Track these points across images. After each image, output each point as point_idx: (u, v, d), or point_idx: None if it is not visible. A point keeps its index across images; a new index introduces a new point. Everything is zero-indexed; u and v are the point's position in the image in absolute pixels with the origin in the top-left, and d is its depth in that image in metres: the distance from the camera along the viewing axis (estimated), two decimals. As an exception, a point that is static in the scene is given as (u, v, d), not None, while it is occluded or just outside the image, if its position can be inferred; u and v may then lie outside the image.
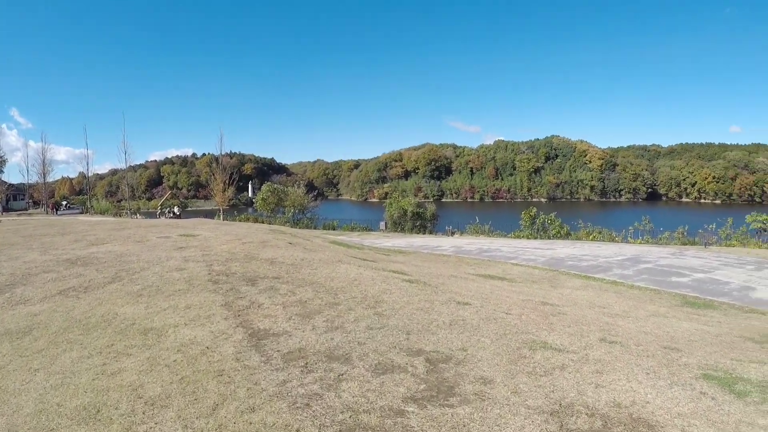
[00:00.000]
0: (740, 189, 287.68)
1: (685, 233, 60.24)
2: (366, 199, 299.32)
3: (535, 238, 61.06)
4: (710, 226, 59.94)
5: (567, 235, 62.25)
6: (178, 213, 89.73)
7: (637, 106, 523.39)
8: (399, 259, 33.61)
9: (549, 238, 60.98)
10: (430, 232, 71.61)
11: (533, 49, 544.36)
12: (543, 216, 64.20)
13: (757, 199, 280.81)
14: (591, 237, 61.01)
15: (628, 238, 60.94)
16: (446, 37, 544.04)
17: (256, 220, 78.79)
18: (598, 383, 9.82)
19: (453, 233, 67.74)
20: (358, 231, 71.45)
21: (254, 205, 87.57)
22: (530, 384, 9.59)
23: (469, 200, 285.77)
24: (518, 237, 62.19)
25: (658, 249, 48.50)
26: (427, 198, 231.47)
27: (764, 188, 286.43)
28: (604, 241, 59.31)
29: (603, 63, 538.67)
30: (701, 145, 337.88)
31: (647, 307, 22.76)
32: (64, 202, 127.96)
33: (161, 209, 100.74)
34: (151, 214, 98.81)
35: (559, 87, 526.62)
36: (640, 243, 57.80)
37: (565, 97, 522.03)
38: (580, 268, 34.50)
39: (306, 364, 9.93)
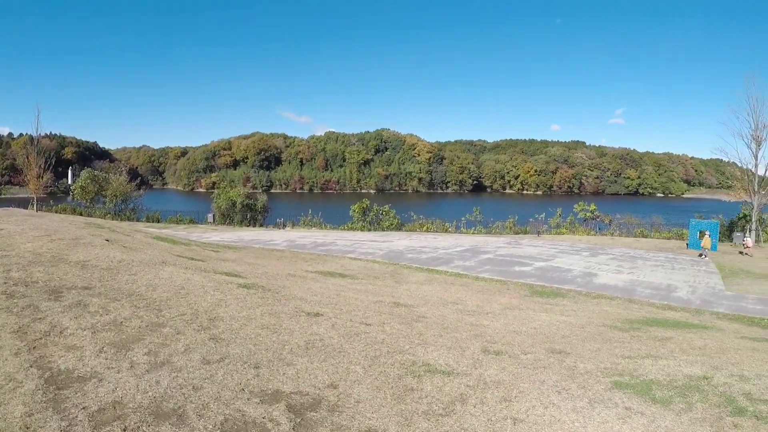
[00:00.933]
0: (560, 181, 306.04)
1: (516, 223, 61.26)
2: (193, 188, 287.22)
3: (369, 230, 59.88)
4: (540, 216, 61.33)
5: (400, 227, 61.55)
6: None
7: (464, 103, 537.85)
8: (230, 256, 30.35)
9: (383, 229, 60.01)
10: (261, 225, 68.42)
11: (364, 44, 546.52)
12: (376, 207, 62.99)
13: (576, 191, 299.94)
14: (424, 228, 60.59)
15: (462, 229, 61.13)
16: (279, 26, 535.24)
17: (73, 211, 71.90)
18: (514, 417, 8.00)
19: (285, 226, 65.22)
20: (185, 224, 66.93)
21: (72, 193, 80.00)
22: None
23: (298, 191, 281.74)
24: (352, 229, 60.67)
25: (495, 239, 48.72)
26: (256, 188, 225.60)
27: (582, 180, 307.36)
28: (437, 231, 59.10)
29: (432, 60, 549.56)
30: (525, 141, 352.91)
31: (499, 300, 22.13)
32: None
33: None
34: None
35: (389, 81, 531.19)
36: (474, 233, 58.09)
37: (396, 91, 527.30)
38: (421, 261, 33.39)
39: (124, 429, 6.46)
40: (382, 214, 62.39)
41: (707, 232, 44.94)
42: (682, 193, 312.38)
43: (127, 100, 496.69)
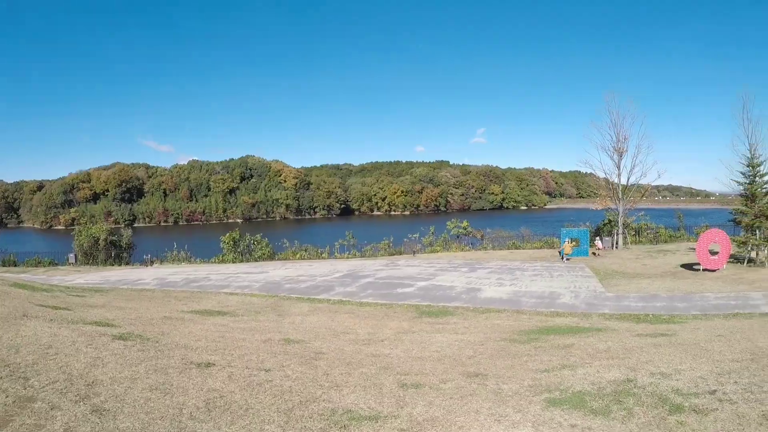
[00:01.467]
0: (427, 200, 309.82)
1: (390, 244, 60.97)
2: (51, 225, 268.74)
3: (241, 261, 58.04)
4: (414, 236, 61.18)
5: (273, 256, 60.00)
6: None
7: (329, 127, 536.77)
8: (97, 301, 27.93)
9: (255, 260, 58.30)
10: (127, 263, 64.72)
11: (223, 69, 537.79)
12: (248, 237, 61.16)
13: (442, 209, 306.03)
14: (298, 256, 59.32)
15: (336, 254, 60.17)
16: (133, 49, 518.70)
17: None
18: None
19: (152, 262, 62.31)
20: (45, 266, 62.32)
21: None
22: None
23: (163, 224, 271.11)
24: (223, 262, 58.59)
25: (371, 262, 48.15)
26: (119, 223, 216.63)
27: (448, 198, 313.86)
28: (311, 258, 57.94)
29: (294, 84, 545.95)
30: (390, 163, 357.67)
31: (389, 324, 21.51)
32: None
33: None
34: None
35: (252, 106, 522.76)
36: (349, 257, 57.32)
37: (260, 116, 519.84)
38: (300, 291, 32.28)
39: None
40: (253, 243, 60.61)
41: (568, 239, 48.15)
42: (545, 205, 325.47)
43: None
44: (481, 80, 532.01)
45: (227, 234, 60.76)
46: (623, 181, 56.74)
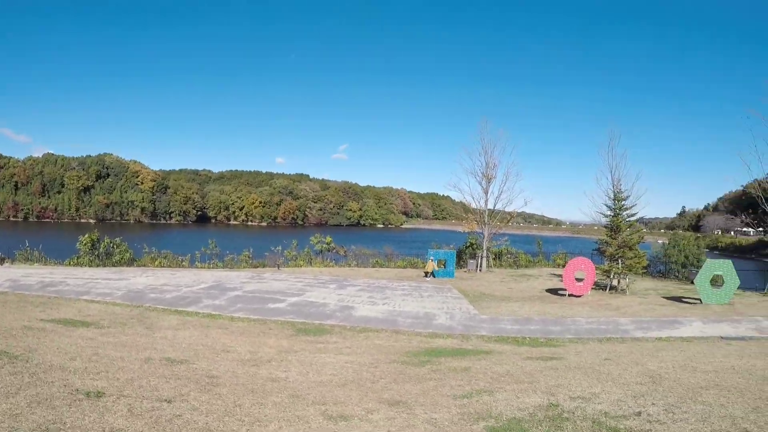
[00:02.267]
0: (285, 213, 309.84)
1: (252, 256, 59.81)
2: None
3: (99, 265, 55.17)
4: (277, 248, 60.18)
5: (132, 261, 57.49)
6: None
7: (190, 131, 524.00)
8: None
9: (114, 264, 55.61)
10: (-29, 261, 60.87)
11: (87, 58, 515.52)
12: (107, 240, 58.27)
13: (300, 222, 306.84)
14: (157, 263, 57.03)
15: (197, 263, 58.25)
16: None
17: None
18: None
19: (3, 261, 58.46)
20: None
21: None
22: None
23: (12, 219, 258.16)
24: (79, 265, 55.41)
25: (235, 273, 46.91)
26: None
27: (306, 212, 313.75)
28: (171, 267, 55.85)
29: (157, 83, 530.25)
30: (250, 172, 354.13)
31: (268, 342, 20.81)
32: None
33: None
34: None
35: (114, 100, 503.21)
36: (210, 267, 55.61)
37: (121, 112, 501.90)
38: (166, 302, 30.74)
39: None
40: (113, 247, 57.86)
41: (432, 258, 49.55)
42: (401, 224, 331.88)
43: None
44: (346, 96, 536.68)
45: (85, 235, 57.54)
46: (490, 206, 57.91)
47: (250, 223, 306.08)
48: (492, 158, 57.48)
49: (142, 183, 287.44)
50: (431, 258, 49.20)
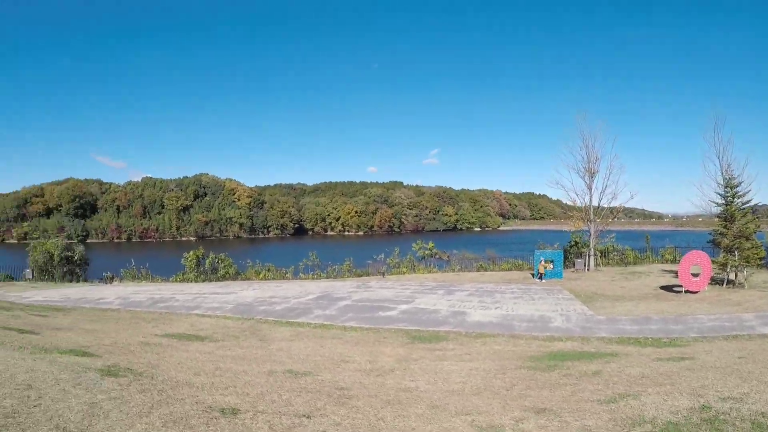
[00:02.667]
0: (381, 221, 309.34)
1: (353, 265, 59.53)
2: (3, 239, 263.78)
3: (204, 280, 56.03)
4: (379, 256, 59.71)
5: (236, 275, 58.06)
6: None
7: (282, 147, 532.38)
8: (62, 322, 26.02)
9: (219, 279, 56.38)
10: (85, 280, 62.57)
11: (177, 87, 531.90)
12: (212, 256, 59.09)
13: (396, 229, 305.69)
14: (261, 276, 57.48)
15: (300, 275, 58.37)
16: (86, 63, 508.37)
17: None
18: None
19: (112, 280, 60.01)
20: None
21: None
22: None
23: (116, 240, 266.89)
24: (185, 280, 56.49)
25: (341, 283, 46.69)
26: (71, 238, 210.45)
27: (402, 219, 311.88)
28: (275, 279, 56.15)
29: (247, 103, 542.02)
30: (344, 183, 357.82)
31: (384, 351, 20.29)
32: None
33: None
34: None
35: (205, 124, 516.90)
36: (314, 278, 55.67)
37: (213, 135, 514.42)
38: (276, 313, 30.72)
39: None
40: (218, 262, 58.63)
41: (542, 260, 47.27)
42: (498, 226, 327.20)
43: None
44: (434, 101, 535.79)
45: (191, 252, 58.62)
46: (594, 203, 55.99)
47: (347, 233, 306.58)
48: (593, 151, 55.35)
49: (238, 200, 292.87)
50: (542, 259, 47.33)
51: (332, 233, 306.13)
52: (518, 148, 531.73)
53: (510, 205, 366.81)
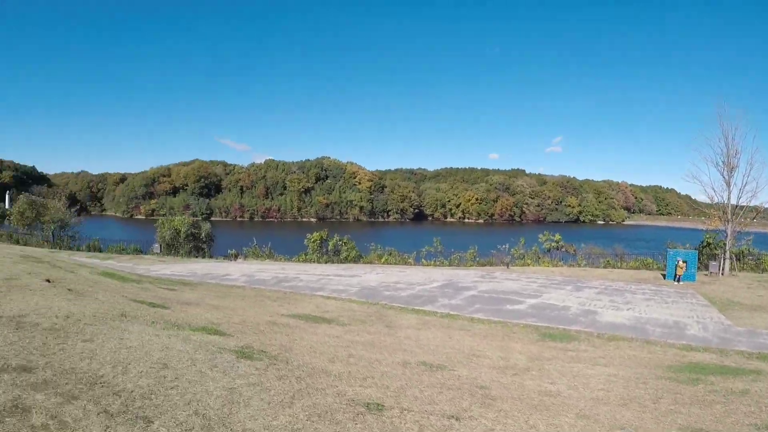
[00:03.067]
0: (501, 209, 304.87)
1: (477, 254, 58.55)
2: (132, 215, 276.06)
3: (327, 261, 56.42)
4: (503, 246, 58.65)
5: (358, 258, 58.17)
6: None
7: (404, 132, 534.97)
8: (190, 297, 26.72)
9: (341, 261, 56.66)
10: (210, 256, 64.23)
11: (302, 70, 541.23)
12: (335, 238, 59.46)
13: (517, 219, 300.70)
14: (383, 260, 57.35)
15: (422, 261, 57.97)
16: (216, 51, 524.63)
17: (9, 238, 66.53)
18: None
19: (236, 257, 61.31)
20: (129, 254, 61.53)
21: (9, 218, 74.89)
22: None
23: (238, 219, 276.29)
24: (308, 261, 57.10)
25: (464, 272, 46.07)
26: (196, 216, 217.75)
27: (523, 208, 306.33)
28: (396, 264, 55.92)
29: (370, 88, 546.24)
30: (464, 169, 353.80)
31: (516, 348, 19.62)
32: None
33: None
34: None
35: (328, 108, 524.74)
36: (436, 265, 55.16)
37: (335, 118, 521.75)
38: (401, 299, 30.49)
39: None
40: (341, 244, 58.92)
41: (679, 260, 43.96)
42: (623, 220, 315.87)
43: (66, 125, 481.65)
44: (558, 87, 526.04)
45: (315, 233, 59.22)
46: (732, 200, 52.79)
47: (466, 220, 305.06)
48: (733, 144, 51.97)
49: (359, 183, 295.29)
50: (679, 260, 44.02)
51: (452, 220, 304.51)
52: (646, 139, 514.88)
53: (635, 198, 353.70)
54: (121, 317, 15.07)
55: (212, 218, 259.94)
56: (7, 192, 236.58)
